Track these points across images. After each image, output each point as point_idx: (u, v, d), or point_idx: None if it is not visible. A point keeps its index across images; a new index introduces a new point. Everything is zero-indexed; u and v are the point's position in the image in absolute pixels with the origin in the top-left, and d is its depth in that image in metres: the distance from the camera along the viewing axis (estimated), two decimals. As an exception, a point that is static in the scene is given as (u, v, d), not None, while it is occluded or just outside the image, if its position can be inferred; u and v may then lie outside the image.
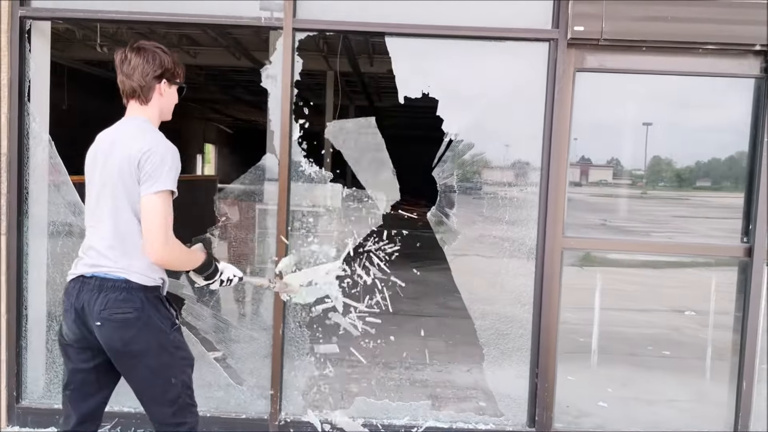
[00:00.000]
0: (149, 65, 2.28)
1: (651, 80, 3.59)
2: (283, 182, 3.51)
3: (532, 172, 3.45)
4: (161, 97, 2.36)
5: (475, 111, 3.49)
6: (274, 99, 3.48)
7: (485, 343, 3.53)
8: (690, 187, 4.98)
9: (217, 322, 3.66)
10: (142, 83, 2.28)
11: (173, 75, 2.38)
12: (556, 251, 3.42)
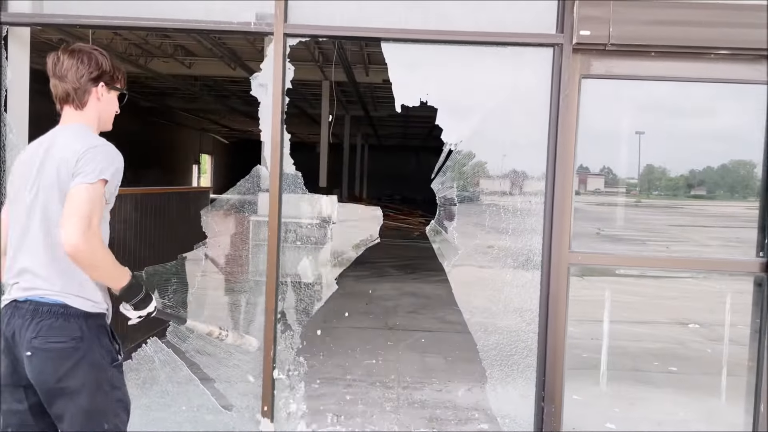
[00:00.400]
0: (84, 66, 2.10)
1: (657, 87, 3.44)
2: (275, 193, 3.32)
3: (536, 183, 3.27)
4: (99, 102, 2.16)
5: (476, 120, 3.32)
6: (265, 108, 3.30)
7: (489, 364, 3.34)
8: (685, 195, 4.82)
9: (204, 344, 3.46)
10: (76, 85, 2.09)
11: (112, 79, 2.20)
12: (562, 266, 3.24)
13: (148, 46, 15.07)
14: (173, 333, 3.41)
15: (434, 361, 5.46)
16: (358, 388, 4.71)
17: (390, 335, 6.33)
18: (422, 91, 3.24)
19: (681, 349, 6.36)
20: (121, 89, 2.27)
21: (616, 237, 8.97)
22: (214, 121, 30.57)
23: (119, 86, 2.25)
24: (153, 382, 3.49)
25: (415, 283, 9.53)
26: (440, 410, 4.32)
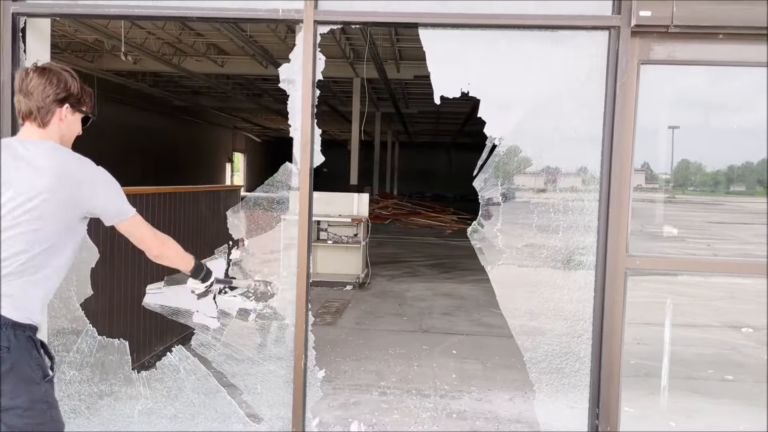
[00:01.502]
0: (51, 87, 2.07)
1: (695, 76, 3.14)
2: (305, 190, 3.10)
3: (589, 179, 2.99)
4: (61, 123, 2.13)
5: (522, 112, 3.04)
6: (295, 101, 3.09)
7: (536, 375, 3.06)
8: (724, 192, 4.50)
9: (231, 352, 3.26)
10: (40, 104, 2.07)
11: (78, 101, 2.18)
12: (618, 271, 2.95)
13: (181, 45, 15.08)
14: (198, 342, 3.21)
15: (472, 368, 5.20)
16: (393, 396, 4.47)
17: (425, 338, 6.08)
18: (463, 81, 2.98)
19: (735, 355, 5.98)
20: (86, 112, 2.24)
21: (655, 234, 8.62)
22: (246, 119, 30.72)
23: (85, 109, 2.23)
24: (179, 392, 3.31)
25: (450, 283, 9.26)
26: (481, 422, 4.05)
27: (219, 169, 33.33)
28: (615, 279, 2.96)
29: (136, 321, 4.60)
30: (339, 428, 3.90)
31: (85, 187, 2.07)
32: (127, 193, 4.46)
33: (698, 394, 4.53)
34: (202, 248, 5.85)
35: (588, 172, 3.00)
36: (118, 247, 4.32)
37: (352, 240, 8.82)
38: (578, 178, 3.02)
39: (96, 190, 2.10)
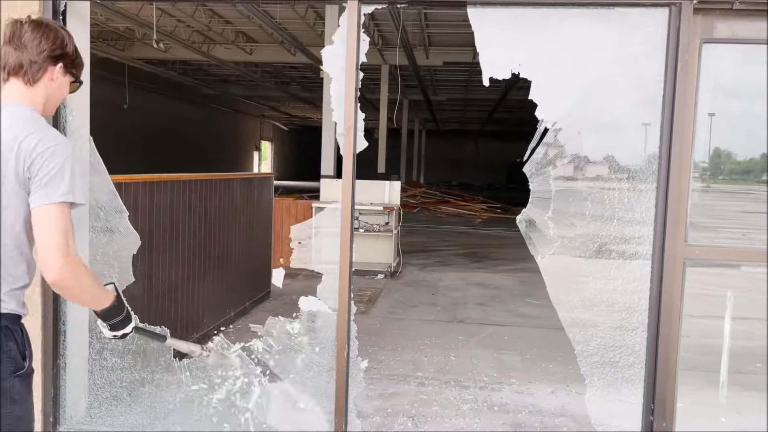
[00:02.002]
0: (48, 42, 1.88)
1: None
2: (348, 176, 3.02)
3: (647, 166, 2.85)
4: (51, 83, 1.92)
5: (575, 94, 2.92)
6: (337, 84, 3.00)
7: (588, 372, 2.95)
8: (756, 181, 4.32)
9: (272, 342, 3.21)
10: (34, 59, 1.86)
11: (73, 63, 1.98)
12: (677, 261, 2.82)
13: (211, 33, 15.10)
14: (236, 328, 3.16)
15: (511, 359, 5.09)
16: (431, 387, 4.40)
17: (460, 329, 5.99)
18: (514, 62, 2.86)
19: (782, 349, 5.77)
20: (77, 76, 2.03)
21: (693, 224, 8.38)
22: (273, 107, 30.78)
23: (76, 72, 2.02)
24: (220, 380, 3.27)
25: (482, 272, 9.13)
26: (523, 415, 3.95)
27: (246, 157, 33.51)
28: (673, 270, 2.82)
29: (173, 308, 4.59)
30: (378, 418, 3.84)
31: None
32: (163, 180, 4.46)
33: (748, 389, 4.37)
34: (237, 235, 5.84)
35: (645, 158, 2.86)
36: (156, 234, 4.30)
37: (383, 228, 8.74)
38: (635, 164, 2.88)
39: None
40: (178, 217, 4.64)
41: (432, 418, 3.87)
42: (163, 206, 4.39)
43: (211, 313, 5.26)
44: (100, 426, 3.21)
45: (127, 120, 18.98)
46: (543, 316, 6.51)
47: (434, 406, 4.07)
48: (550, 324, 6.13)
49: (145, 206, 4.13)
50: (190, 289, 4.86)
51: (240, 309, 5.92)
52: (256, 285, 6.43)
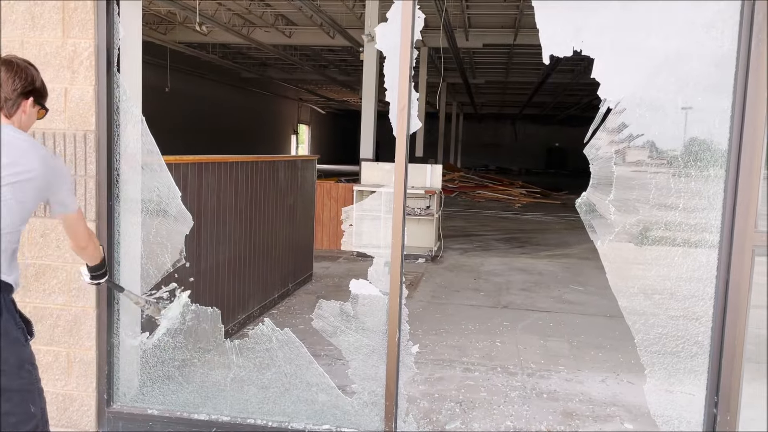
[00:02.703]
0: (20, 80, 2.19)
1: None
2: (401, 160, 2.95)
3: (716, 150, 2.71)
4: (23, 114, 2.24)
5: (641, 73, 2.78)
6: (391, 63, 2.92)
7: (648, 362, 2.84)
8: None
9: (325, 325, 3.18)
10: (9, 96, 2.17)
11: (41, 95, 2.30)
12: (745, 250, 2.68)
13: (251, 16, 15.13)
14: (284, 311, 3.14)
15: (557, 346, 4.99)
16: (478, 373, 4.34)
17: (505, 314, 5.90)
18: (576, 38, 2.74)
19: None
20: (44, 106, 2.34)
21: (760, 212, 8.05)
22: (311, 91, 30.82)
23: (43, 102, 2.33)
24: (270, 362, 3.27)
25: (525, 258, 9.00)
26: (574, 403, 3.87)
27: (284, 140, 33.72)
28: (741, 257, 2.69)
29: (219, 288, 4.61)
30: (425, 403, 3.80)
31: (57, 178, 2.23)
32: (211, 161, 4.47)
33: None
34: (281, 217, 5.85)
35: (714, 140, 2.72)
36: (204, 214, 4.32)
37: (425, 212, 8.66)
38: (703, 146, 2.74)
39: (58, 181, 2.24)
40: (225, 198, 4.65)
41: (480, 404, 3.82)
42: (211, 187, 4.40)
43: (255, 294, 5.28)
44: (152, 404, 3.24)
45: (168, 103, 19.23)
46: (588, 303, 6.38)
47: (482, 392, 4.01)
48: (596, 311, 6.02)
49: (193, 187, 4.15)
50: (236, 270, 4.89)
51: (283, 291, 5.94)
52: (299, 267, 6.45)
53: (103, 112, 3.05)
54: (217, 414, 3.18)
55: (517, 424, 3.56)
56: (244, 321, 4.98)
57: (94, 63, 3.00)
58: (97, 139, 3.05)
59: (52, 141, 3.05)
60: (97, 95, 3.03)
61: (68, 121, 3.05)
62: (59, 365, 3.16)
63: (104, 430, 3.15)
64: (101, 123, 3.05)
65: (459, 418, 3.61)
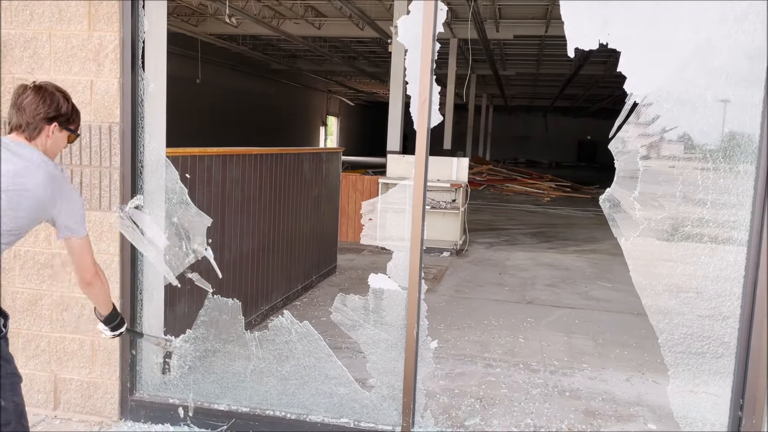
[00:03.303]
0: (43, 106, 2.21)
1: None
2: (421, 152, 2.93)
3: (747, 146, 2.63)
4: (48, 139, 2.26)
5: (670, 65, 2.71)
6: (413, 56, 2.90)
7: (672, 362, 2.78)
8: None
9: (343, 318, 3.18)
10: (30, 121, 2.21)
11: (67, 121, 2.31)
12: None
13: (281, 8, 15.17)
14: (308, 303, 3.15)
15: (582, 343, 4.93)
16: (499, 369, 4.31)
17: (529, 310, 5.84)
18: (602, 30, 2.68)
19: None
20: (73, 131, 2.36)
21: None
22: (340, 82, 30.85)
23: (72, 128, 2.35)
24: (289, 354, 3.29)
25: (551, 253, 8.89)
26: (596, 402, 3.81)
27: (313, 132, 33.84)
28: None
29: (243, 279, 4.65)
30: (445, 398, 3.79)
31: (63, 198, 2.22)
32: (235, 153, 4.49)
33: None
34: (305, 209, 5.87)
35: (745, 135, 2.64)
36: (228, 206, 4.36)
37: (450, 205, 8.62)
38: (733, 141, 2.66)
39: (64, 202, 2.23)
40: (249, 190, 4.68)
41: (500, 400, 3.79)
42: (235, 179, 4.43)
43: (279, 285, 5.32)
44: (174, 393, 3.29)
45: (199, 94, 19.45)
46: (616, 300, 6.28)
47: (502, 388, 3.98)
48: (623, 308, 5.92)
49: (218, 179, 4.18)
50: (260, 262, 4.92)
51: (307, 283, 5.97)
52: (323, 259, 6.47)
53: (127, 105, 3.08)
54: (236, 404, 3.21)
55: (538, 422, 3.53)
56: (267, 312, 5.02)
57: (119, 56, 3.04)
58: (122, 131, 3.09)
59: (78, 133, 3.10)
60: (122, 88, 3.07)
61: (94, 113, 3.10)
62: (84, 353, 3.22)
63: (127, 417, 3.21)
64: (126, 115, 3.09)
65: (479, 415, 3.58)
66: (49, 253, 3.20)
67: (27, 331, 3.25)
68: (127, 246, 3.15)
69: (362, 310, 3.22)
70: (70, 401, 3.26)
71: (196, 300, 3.78)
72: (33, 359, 3.27)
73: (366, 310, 3.21)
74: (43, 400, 3.28)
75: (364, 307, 3.21)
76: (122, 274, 3.15)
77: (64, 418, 3.27)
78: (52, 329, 3.23)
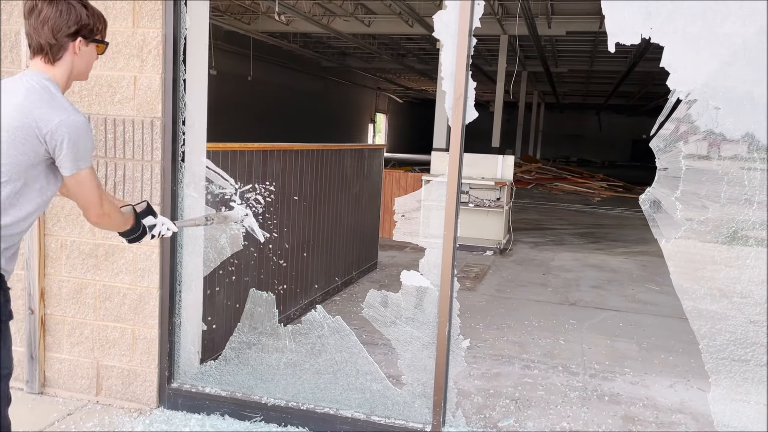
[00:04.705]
0: (62, 19, 1.94)
1: None
2: (455, 150, 2.90)
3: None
4: (75, 56, 2.02)
5: (715, 61, 2.60)
6: (448, 51, 2.86)
7: (713, 369, 2.67)
8: None
9: (374, 314, 3.18)
10: (51, 41, 1.95)
11: (91, 31, 2.03)
12: (828, 254, 2.46)
13: (331, 5, 15.29)
14: (347, 298, 3.16)
15: (625, 347, 4.79)
16: (537, 371, 4.23)
17: (572, 312, 5.72)
18: (644, 25, 2.59)
19: None
20: (100, 41, 2.09)
21: None
22: (389, 80, 30.88)
23: (99, 38, 2.08)
24: (322, 348, 3.31)
25: (599, 254, 8.68)
26: (637, 408, 3.70)
27: (362, 129, 34.01)
28: (823, 262, 2.47)
29: (283, 273, 4.71)
30: (480, 398, 3.74)
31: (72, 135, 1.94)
32: (276, 149, 4.55)
33: None
34: (346, 206, 5.90)
35: (797, 133, 2.50)
36: (268, 203, 4.41)
37: (494, 204, 8.51)
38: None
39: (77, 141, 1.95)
40: (290, 185, 4.73)
41: (536, 402, 3.72)
42: (276, 174, 4.49)
43: (318, 280, 5.36)
44: (210, 384, 3.35)
45: (251, 91, 19.81)
46: (664, 304, 6.08)
47: (539, 390, 3.91)
48: (671, 312, 5.73)
49: (258, 174, 4.24)
50: (299, 256, 4.97)
51: (347, 278, 6.00)
52: (363, 255, 6.49)
53: (169, 100, 3.15)
54: (270, 397, 3.25)
55: (574, 426, 3.45)
56: (306, 306, 5.07)
57: (161, 52, 3.11)
58: (163, 126, 3.17)
59: (122, 127, 3.20)
60: (164, 83, 3.14)
61: (137, 108, 3.18)
62: (125, 341, 3.32)
63: (165, 405, 3.30)
64: (167, 110, 3.16)
65: (513, 416, 3.53)
66: (93, 244, 3.31)
67: (72, 319, 3.38)
68: (166, 239, 3.23)
69: (395, 307, 3.21)
70: (111, 388, 3.37)
71: (235, 291, 3.85)
72: (77, 346, 3.39)
73: (398, 307, 3.20)
74: (86, 386, 3.40)
75: (397, 304, 3.20)
76: (162, 265, 3.23)
77: (105, 404, 3.38)
78: (96, 317, 3.34)
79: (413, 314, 3.15)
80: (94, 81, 3.20)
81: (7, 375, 2.03)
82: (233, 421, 3.19)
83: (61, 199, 3.28)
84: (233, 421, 3.19)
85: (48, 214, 3.34)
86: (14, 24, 3.25)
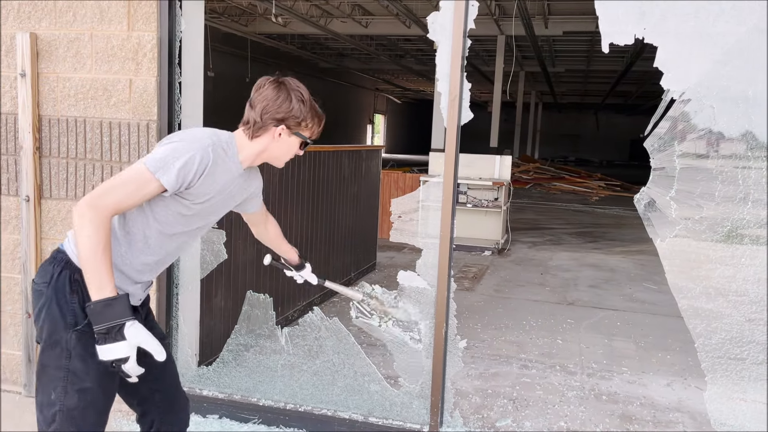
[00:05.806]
0: (275, 104, 1.98)
1: None
2: (450, 150, 2.91)
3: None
4: (272, 141, 2.02)
5: (708, 60, 2.60)
6: (443, 52, 2.87)
7: (709, 368, 2.68)
8: None
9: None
10: (257, 118, 1.99)
11: (298, 125, 2.03)
12: (823, 252, 2.47)
13: (328, 6, 15.30)
14: (345, 299, 3.17)
15: (623, 346, 4.80)
16: (535, 370, 4.24)
17: (569, 311, 5.73)
18: (638, 25, 2.59)
19: None
20: (304, 137, 2.07)
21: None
22: (387, 81, 30.90)
23: (305, 134, 2.06)
24: (319, 350, 3.32)
25: (597, 253, 8.69)
26: (634, 407, 3.71)
27: (360, 130, 34.02)
28: (818, 260, 2.48)
29: (280, 275, 4.70)
30: (478, 399, 3.75)
31: None
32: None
33: None
34: (344, 207, 5.90)
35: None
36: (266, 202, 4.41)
37: (492, 204, 8.52)
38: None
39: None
40: (288, 187, 4.73)
41: (534, 402, 3.73)
42: (273, 176, 4.49)
43: (316, 282, 5.35)
44: (208, 386, 3.35)
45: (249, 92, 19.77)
46: (661, 302, 6.08)
47: (537, 390, 3.91)
48: (669, 311, 5.73)
49: (254, 176, 4.24)
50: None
51: (345, 280, 6.00)
52: (362, 256, 6.50)
53: (164, 103, 3.16)
54: (267, 399, 3.25)
55: (572, 425, 3.45)
56: (304, 308, 5.07)
57: (156, 55, 3.11)
58: (159, 129, 3.17)
59: (118, 130, 3.20)
60: (159, 86, 3.14)
61: (132, 111, 3.18)
62: (122, 344, 3.31)
63: (161, 407, 3.29)
64: (162, 113, 3.16)
65: (511, 416, 3.53)
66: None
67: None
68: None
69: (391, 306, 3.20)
70: (109, 390, 3.37)
71: (232, 294, 3.85)
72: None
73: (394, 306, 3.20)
74: (84, 388, 3.40)
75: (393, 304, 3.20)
76: (158, 267, 3.23)
77: (103, 406, 3.38)
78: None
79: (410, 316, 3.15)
80: (89, 84, 3.20)
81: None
82: (231, 424, 3.20)
83: (57, 203, 3.28)
84: (231, 424, 3.20)
85: (45, 218, 3.34)
86: (10, 28, 3.25)
